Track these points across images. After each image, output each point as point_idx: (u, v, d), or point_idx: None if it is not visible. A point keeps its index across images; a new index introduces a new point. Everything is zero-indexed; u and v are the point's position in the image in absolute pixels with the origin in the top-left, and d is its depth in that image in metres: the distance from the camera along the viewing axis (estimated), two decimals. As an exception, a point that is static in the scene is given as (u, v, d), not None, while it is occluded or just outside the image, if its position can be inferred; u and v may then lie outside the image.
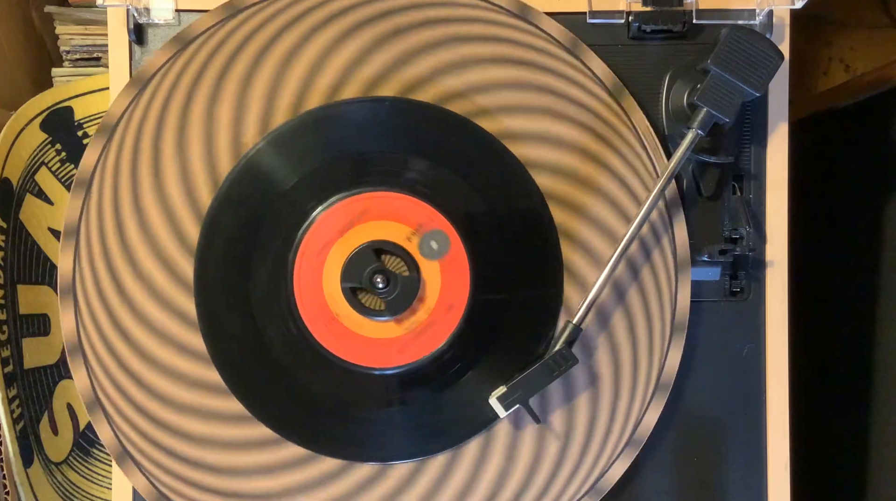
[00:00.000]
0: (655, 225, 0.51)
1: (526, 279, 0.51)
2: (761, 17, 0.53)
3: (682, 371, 0.52)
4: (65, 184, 0.63)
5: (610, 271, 0.49)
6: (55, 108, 0.62)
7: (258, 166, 0.50)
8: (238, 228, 0.50)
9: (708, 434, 0.53)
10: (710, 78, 0.49)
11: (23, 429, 0.58)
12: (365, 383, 0.50)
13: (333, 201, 0.49)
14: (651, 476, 0.53)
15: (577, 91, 0.51)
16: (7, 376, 0.57)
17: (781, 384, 0.53)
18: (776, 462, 0.53)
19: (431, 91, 0.51)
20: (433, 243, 0.47)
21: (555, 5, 0.52)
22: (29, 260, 0.61)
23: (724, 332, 0.53)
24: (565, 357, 0.48)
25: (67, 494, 0.61)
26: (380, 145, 0.51)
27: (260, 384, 0.50)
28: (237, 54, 0.51)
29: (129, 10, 0.51)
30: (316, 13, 0.51)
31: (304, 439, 0.50)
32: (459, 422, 0.51)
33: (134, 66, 0.52)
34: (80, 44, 0.65)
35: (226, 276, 0.50)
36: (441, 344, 0.50)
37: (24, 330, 0.60)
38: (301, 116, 0.50)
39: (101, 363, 0.50)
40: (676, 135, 0.52)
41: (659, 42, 0.53)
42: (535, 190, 0.51)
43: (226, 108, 0.51)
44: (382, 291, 0.49)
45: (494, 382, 0.49)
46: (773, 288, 0.53)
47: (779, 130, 0.53)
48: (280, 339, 0.50)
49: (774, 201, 0.53)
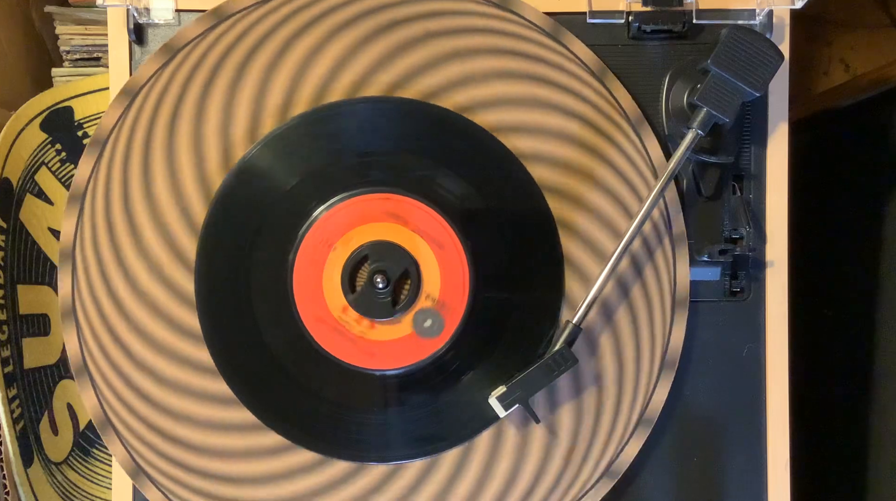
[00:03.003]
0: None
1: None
2: (761, 17, 0.53)
3: (682, 371, 0.52)
4: (65, 184, 0.63)
5: (610, 271, 0.49)
6: (55, 108, 0.62)
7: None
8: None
9: (708, 434, 0.53)
10: (710, 78, 0.49)
11: (23, 429, 0.58)
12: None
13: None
14: (651, 475, 0.53)
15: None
16: (7, 376, 0.57)
17: (781, 384, 0.53)
18: (776, 462, 0.53)
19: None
20: (427, 321, 0.48)
21: (555, 5, 0.52)
22: (29, 260, 0.61)
23: (724, 332, 0.53)
24: (565, 357, 0.48)
25: (67, 494, 0.61)
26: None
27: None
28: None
29: (129, 10, 0.51)
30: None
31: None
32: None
33: (134, 66, 0.52)
34: (80, 44, 0.65)
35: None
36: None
37: (24, 330, 0.60)
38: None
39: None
40: (676, 135, 0.52)
41: (659, 42, 0.53)
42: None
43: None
44: (382, 291, 0.49)
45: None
46: (772, 288, 0.53)
47: (779, 130, 0.53)
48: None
49: (774, 201, 0.53)
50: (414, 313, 0.49)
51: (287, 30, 0.51)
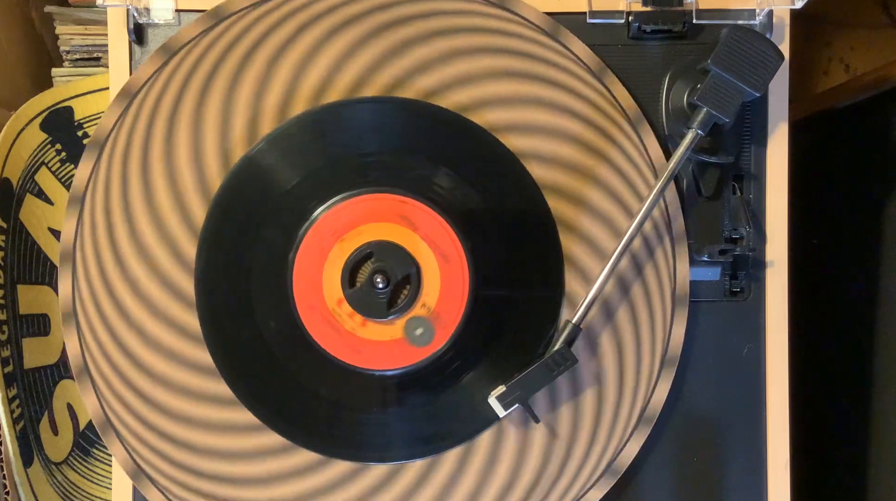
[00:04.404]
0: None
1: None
2: (761, 17, 0.53)
3: (682, 371, 0.52)
4: (65, 184, 0.63)
5: (610, 270, 0.49)
6: (55, 108, 0.62)
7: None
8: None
9: (708, 434, 0.53)
10: (710, 78, 0.49)
11: (23, 429, 0.58)
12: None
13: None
14: (651, 474, 0.53)
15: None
16: (7, 376, 0.57)
17: (781, 384, 0.53)
18: (776, 462, 0.53)
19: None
20: (419, 329, 0.48)
21: (555, 5, 0.52)
22: (29, 260, 0.61)
23: (724, 332, 0.53)
24: (564, 357, 0.48)
25: (67, 494, 0.61)
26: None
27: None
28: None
29: (129, 10, 0.51)
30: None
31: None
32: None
33: (134, 66, 0.52)
34: (80, 44, 0.65)
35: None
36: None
37: (24, 330, 0.60)
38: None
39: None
40: (676, 135, 0.52)
41: (659, 42, 0.53)
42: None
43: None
44: (382, 291, 0.49)
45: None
46: (772, 288, 0.53)
47: (779, 130, 0.53)
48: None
49: (774, 201, 0.53)
50: (407, 318, 0.49)
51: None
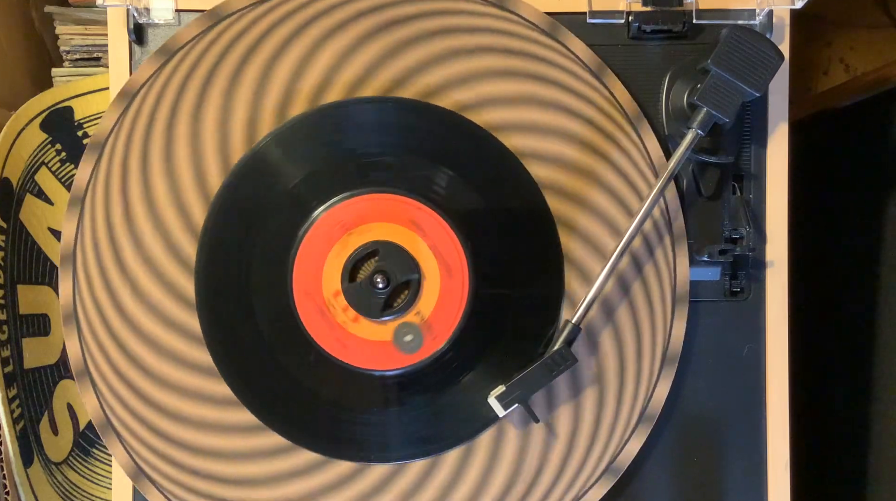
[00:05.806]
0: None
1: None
2: (761, 17, 0.53)
3: (682, 371, 0.52)
4: (65, 184, 0.63)
5: (610, 269, 0.49)
6: (55, 108, 0.62)
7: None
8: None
9: (708, 434, 0.53)
10: (710, 78, 0.49)
11: (23, 429, 0.58)
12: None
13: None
14: (652, 474, 0.53)
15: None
16: (7, 376, 0.57)
17: (781, 384, 0.53)
18: (776, 462, 0.53)
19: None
20: (408, 336, 0.48)
21: (555, 5, 0.52)
22: (29, 260, 0.61)
23: (724, 332, 0.53)
24: (564, 357, 0.48)
25: (67, 494, 0.61)
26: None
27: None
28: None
29: (129, 10, 0.51)
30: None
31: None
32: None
33: (134, 66, 0.52)
34: (80, 44, 0.65)
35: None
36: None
37: (24, 330, 0.60)
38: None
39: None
40: (676, 135, 0.52)
41: (659, 42, 0.53)
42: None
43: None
44: (381, 291, 0.49)
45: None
46: (772, 288, 0.53)
47: (779, 130, 0.53)
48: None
49: (774, 201, 0.53)
50: (399, 323, 0.49)
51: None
